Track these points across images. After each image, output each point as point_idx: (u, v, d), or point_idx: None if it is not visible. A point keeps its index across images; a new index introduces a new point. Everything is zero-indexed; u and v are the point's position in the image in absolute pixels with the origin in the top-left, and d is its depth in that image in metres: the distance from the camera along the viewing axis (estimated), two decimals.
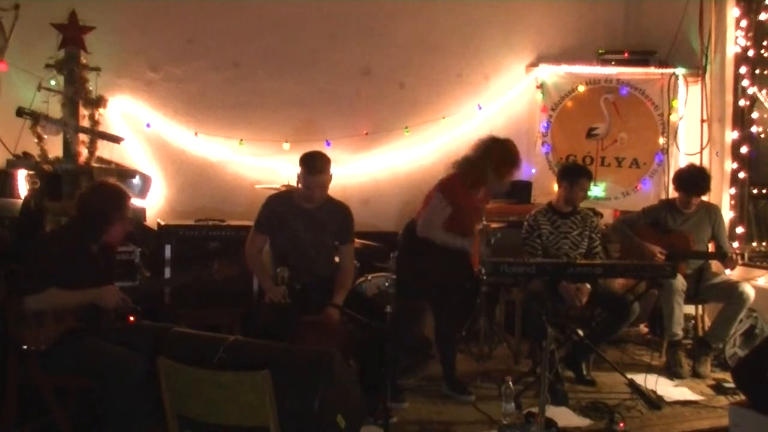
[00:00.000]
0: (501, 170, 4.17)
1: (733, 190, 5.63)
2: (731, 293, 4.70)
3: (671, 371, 4.69)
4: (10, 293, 3.15)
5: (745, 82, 5.56)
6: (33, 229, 4.18)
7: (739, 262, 4.77)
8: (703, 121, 5.86)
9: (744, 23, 5.58)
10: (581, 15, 6.49)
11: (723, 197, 5.65)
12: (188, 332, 3.20)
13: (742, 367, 3.51)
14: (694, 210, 4.94)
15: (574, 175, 4.65)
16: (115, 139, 5.17)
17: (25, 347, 3.04)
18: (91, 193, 3.36)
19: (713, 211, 5.04)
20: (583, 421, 3.87)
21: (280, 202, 4.04)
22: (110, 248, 3.45)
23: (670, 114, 6.02)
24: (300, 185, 3.95)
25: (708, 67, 5.83)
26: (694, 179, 4.92)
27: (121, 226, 3.36)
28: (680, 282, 4.68)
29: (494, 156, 4.16)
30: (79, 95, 4.92)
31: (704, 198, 5.02)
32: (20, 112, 4.74)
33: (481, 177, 4.16)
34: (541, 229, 4.65)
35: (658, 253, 4.75)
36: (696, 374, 4.69)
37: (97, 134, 5.01)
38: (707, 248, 4.98)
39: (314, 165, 3.85)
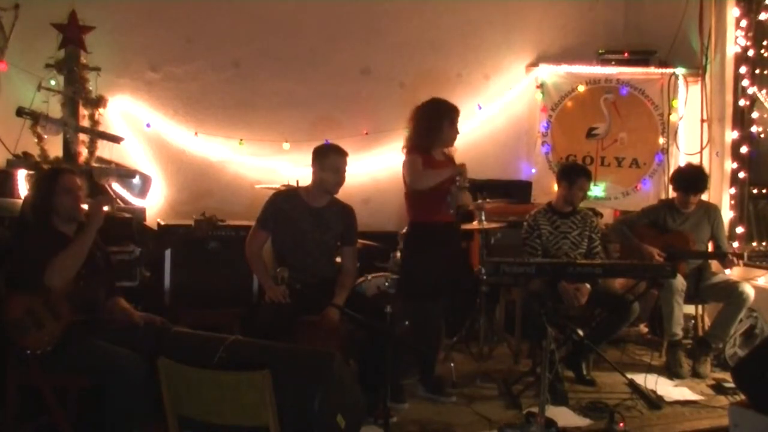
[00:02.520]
0: (451, 117, 4.13)
1: (733, 190, 5.63)
2: (731, 293, 4.70)
3: (671, 371, 4.69)
4: (10, 296, 3.13)
5: (745, 82, 5.56)
6: None
7: (737, 262, 4.76)
8: (703, 121, 5.86)
9: (744, 23, 5.58)
10: (581, 15, 6.49)
11: (723, 197, 5.65)
12: (188, 332, 3.20)
13: (742, 367, 3.51)
14: (694, 210, 4.94)
15: (572, 175, 4.66)
16: (115, 139, 5.17)
17: (29, 352, 3.03)
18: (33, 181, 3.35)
19: (712, 210, 5.05)
20: (583, 421, 3.87)
21: (286, 199, 4.03)
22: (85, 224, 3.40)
23: (670, 114, 6.02)
24: (319, 179, 3.94)
25: (708, 67, 5.83)
26: (692, 178, 4.92)
27: (65, 196, 3.30)
28: (680, 282, 4.68)
29: (435, 109, 4.14)
30: (79, 95, 4.92)
31: (704, 198, 5.03)
32: (20, 112, 4.74)
33: (436, 134, 4.09)
34: (540, 229, 4.66)
35: (657, 255, 4.75)
36: (696, 374, 4.68)
37: (97, 134, 5.01)
38: (707, 248, 4.98)
39: (340, 149, 3.95)
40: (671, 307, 4.69)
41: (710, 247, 5.01)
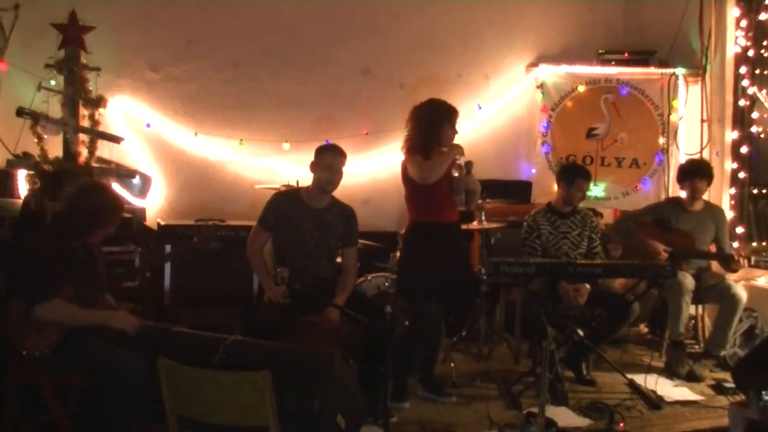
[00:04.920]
0: (450, 118, 4.09)
1: (733, 190, 5.63)
2: (724, 295, 4.69)
3: (671, 370, 4.67)
4: (10, 298, 3.13)
5: (745, 82, 5.56)
6: (33, 230, 4.18)
7: (743, 265, 4.76)
8: (703, 121, 5.86)
9: (744, 23, 5.57)
10: (581, 15, 6.49)
11: (723, 197, 5.65)
12: (188, 332, 3.20)
13: (742, 367, 3.51)
14: (700, 210, 4.94)
15: (571, 175, 4.66)
16: (115, 139, 5.18)
17: (25, 353, 3.03)
18: (90, 195, 3.31)
19: (718, 212, 5.06)
20: (583, 421, 3.87)
21: (287, 199, 4.03)
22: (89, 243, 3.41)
23: (670, 114, 6.03)
24: (316, 178, 3.95)
25: (708, 67, 5.83)
26: (697, 165, 5.03)
27: (108, 230, 3.35)
28: (689, 281, 4.67)
29: (434, 111, 4.10)
30: (79, 95, 4.93)
31: (704, 198, 5.03)
32: (20, 112, 4.75)
33: (433, 135, 4.05)
34: (540, 230, 4.65)
35: (662, 251, 4.74)
36: (693, 377, 4.64)
37: (97, 134, 5.02)
38: (709, 249, 4.98)
39: (337, 148, 3.95)
40: (679, 306, 4.66)
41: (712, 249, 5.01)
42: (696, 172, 4.92)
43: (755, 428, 3.10)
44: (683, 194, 5.00)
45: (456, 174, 3.97)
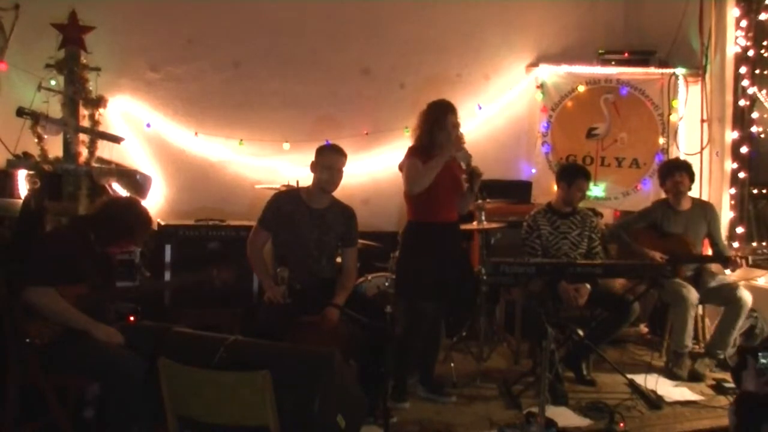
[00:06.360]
0: (442, 121, 4.10)
1: (733, 190, 5.63)
2: (730, 298, 4.69)
3: (671, 373, 4.67)
4: (17, 287, 3.14)
5: (745, 82, 5.56)
6: (33, 229, 4.18)
7: (743, 265, 4.75)
8: (703, 121, 5.86)
9: (744, 23, 5.58)
10: (581, 15, 6.49)
11: (723, 197, 5.65)
12: (188, 332, 3.20)
13: (742, 367, 3.51)
14: (689, 208, 4.95)
15: (571, 175, 4.66)
16: (115, 139, 5.17)
17: (28, 340, 3.04)
18: (128, 208, 3.44)
19: (708, 208, 5.07)
20: (583, 421, 3.87)
21: (287, 199, 4.04)
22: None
23: (670, 114, 6.02)
24: (316, 178, 3.96)
25: (708, 67, 5.83)
26: (675, 161, 5.12)
27: (132, 245, 3.50)
28: (694, 296, 4.67)
29: (428, 114, 4.15)
30: (79, 95, 4.92)
31: (703, 197, 5.03)
32: (20, 112, 4.75)
33: (428, 138, 4.09)
34: (540, 230, 4.66)
35: (659, 259, 4.73)
36: (694, 377, 4.65)
37: (97, 134, 5.01)
38: (702, 245, 4.99)
39: (337, 147, 3.97)
40: (685, 320, 4.64)
41: (706, 245, 5.01)
42: (674, 167, 4.97)
43: (748, 400, 3.08)
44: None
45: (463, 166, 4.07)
